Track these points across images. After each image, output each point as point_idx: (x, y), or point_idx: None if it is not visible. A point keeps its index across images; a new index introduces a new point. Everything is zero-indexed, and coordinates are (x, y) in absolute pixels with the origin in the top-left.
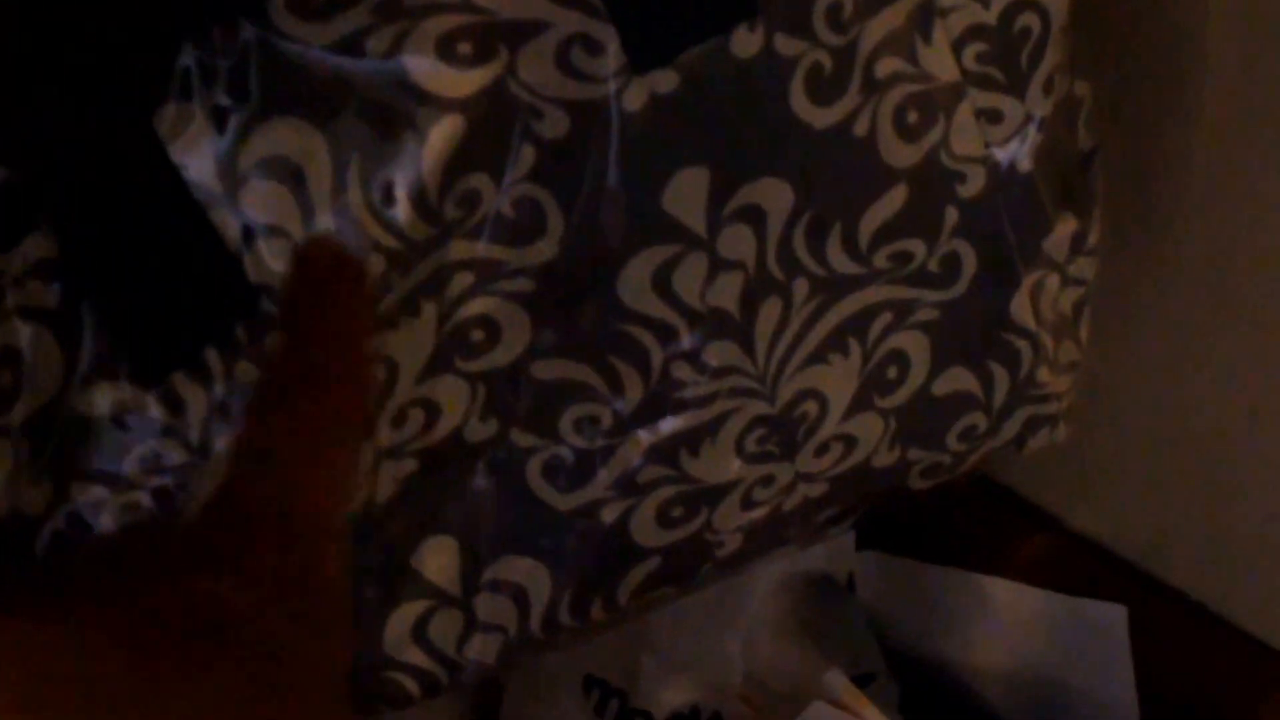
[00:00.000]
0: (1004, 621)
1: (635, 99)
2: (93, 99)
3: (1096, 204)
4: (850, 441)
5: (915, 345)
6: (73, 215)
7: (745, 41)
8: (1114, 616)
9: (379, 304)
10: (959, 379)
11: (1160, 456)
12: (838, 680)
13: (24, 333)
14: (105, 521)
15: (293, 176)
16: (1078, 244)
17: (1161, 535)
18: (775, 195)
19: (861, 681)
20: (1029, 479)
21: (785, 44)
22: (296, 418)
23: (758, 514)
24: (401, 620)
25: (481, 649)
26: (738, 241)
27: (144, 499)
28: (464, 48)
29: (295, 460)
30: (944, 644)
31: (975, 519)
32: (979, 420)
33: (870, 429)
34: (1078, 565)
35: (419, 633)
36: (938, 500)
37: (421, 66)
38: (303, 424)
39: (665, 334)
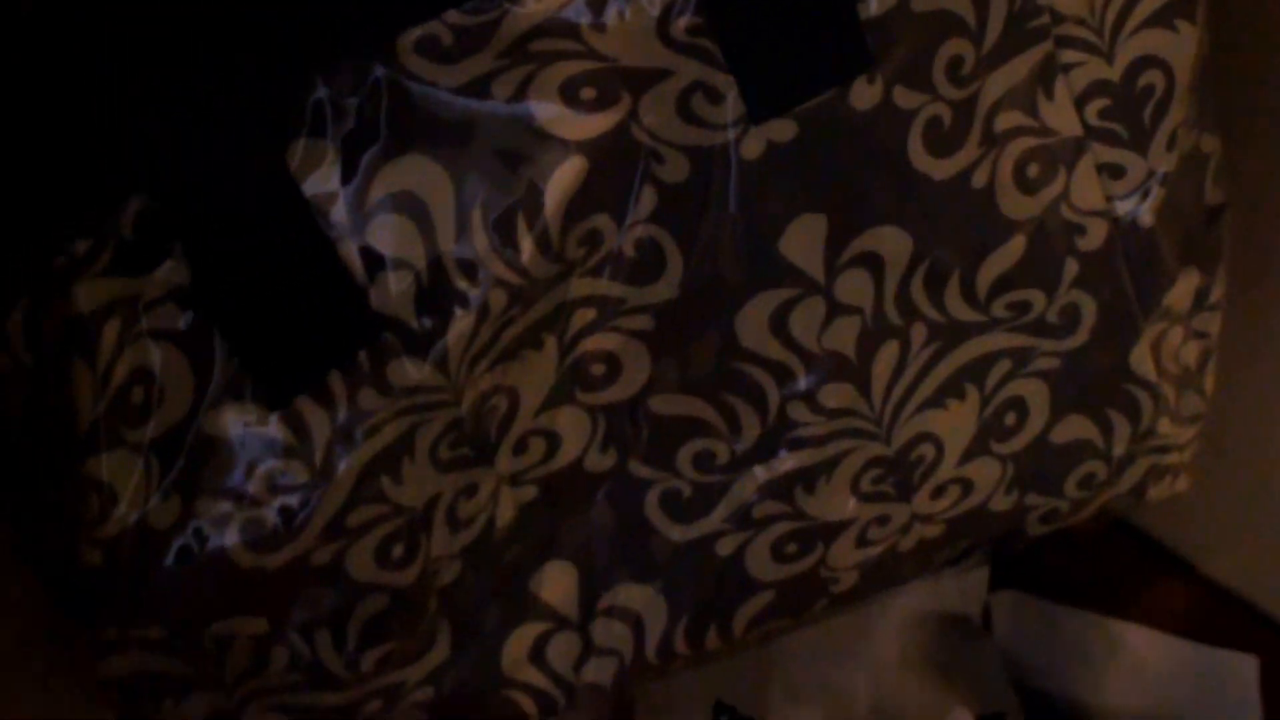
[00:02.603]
0: (1136, 667)
1: (753, 147)
2: (228, 132)
3: (1221, 260)
4: (967, 485)
5: (1034, 392)
6: (205, 244)
7: (864, 93)
8: (1245, 667)
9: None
10: (1078, 427)
11: None
12: (963, 718)
13: (155, 354)
14: (230, 537)
15: (419, 212)
16: (1201, 298)
17: None
18: (893, 243)
19: None
20: (1166, 525)
21: (904, 96)
22: None
23: (873, 552)
24: (520, 641)
25: (597, 673)
26: (855, 287)
27: (269, 515)
28: (587, 93)
29: None
30: (1076, 686)
31: (1110, 563)
32: (1098, 468)
33: (987, 474)
34: (1213, 614)
35: (537, 654)
36: (1074, 542)
37: (546, 110)
38: None
39: (782, 375)
